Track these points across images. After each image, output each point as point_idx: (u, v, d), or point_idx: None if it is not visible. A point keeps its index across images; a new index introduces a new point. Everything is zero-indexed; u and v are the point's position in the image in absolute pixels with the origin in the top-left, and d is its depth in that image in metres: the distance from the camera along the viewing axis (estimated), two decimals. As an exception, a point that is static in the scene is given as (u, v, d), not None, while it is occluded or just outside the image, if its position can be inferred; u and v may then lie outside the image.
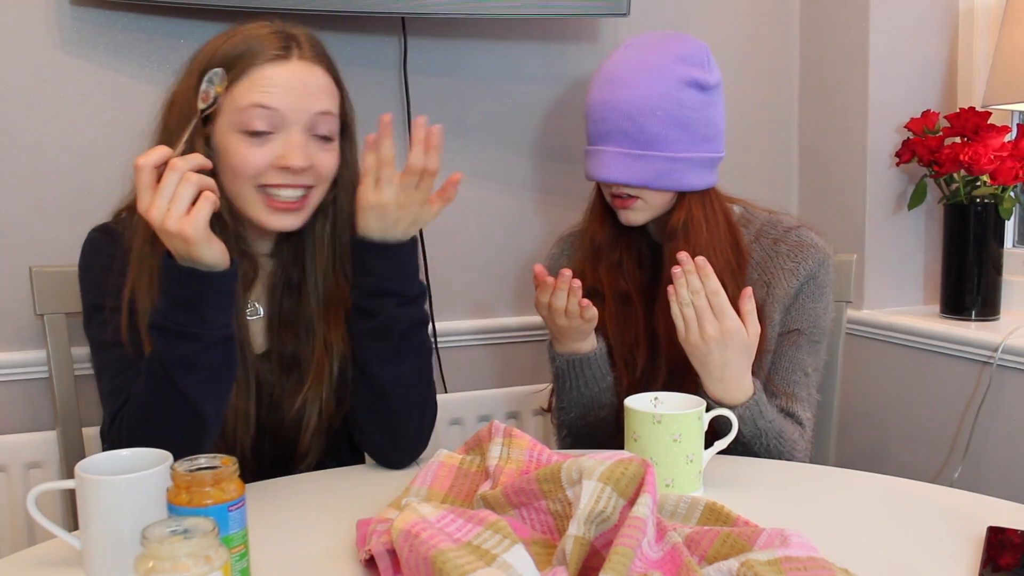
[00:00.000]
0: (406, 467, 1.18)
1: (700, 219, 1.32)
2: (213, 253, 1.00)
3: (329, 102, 1.13)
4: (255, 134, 1.08)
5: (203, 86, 1.07)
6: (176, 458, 0.86)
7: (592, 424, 1.38)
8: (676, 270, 1.21)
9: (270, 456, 1.21)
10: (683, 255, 1.20)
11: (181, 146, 1.02)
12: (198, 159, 1.00)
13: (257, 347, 1.20)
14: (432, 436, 1.21)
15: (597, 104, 1.30)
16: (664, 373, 1.33)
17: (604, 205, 1.38)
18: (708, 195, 1.33)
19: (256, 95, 1.07)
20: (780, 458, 1.26)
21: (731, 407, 1.21)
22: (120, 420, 1.06)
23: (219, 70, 1.07)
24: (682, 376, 1.29)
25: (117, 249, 1.13)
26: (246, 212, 1.12)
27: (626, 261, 1.39)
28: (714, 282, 1.19)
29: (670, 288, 1.21)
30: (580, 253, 1.44)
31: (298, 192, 1.11)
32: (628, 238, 1.38)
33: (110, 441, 1.07)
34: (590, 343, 1.31)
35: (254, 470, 1.19)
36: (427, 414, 1.19)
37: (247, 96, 1.08)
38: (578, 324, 1.25)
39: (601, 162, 1.29)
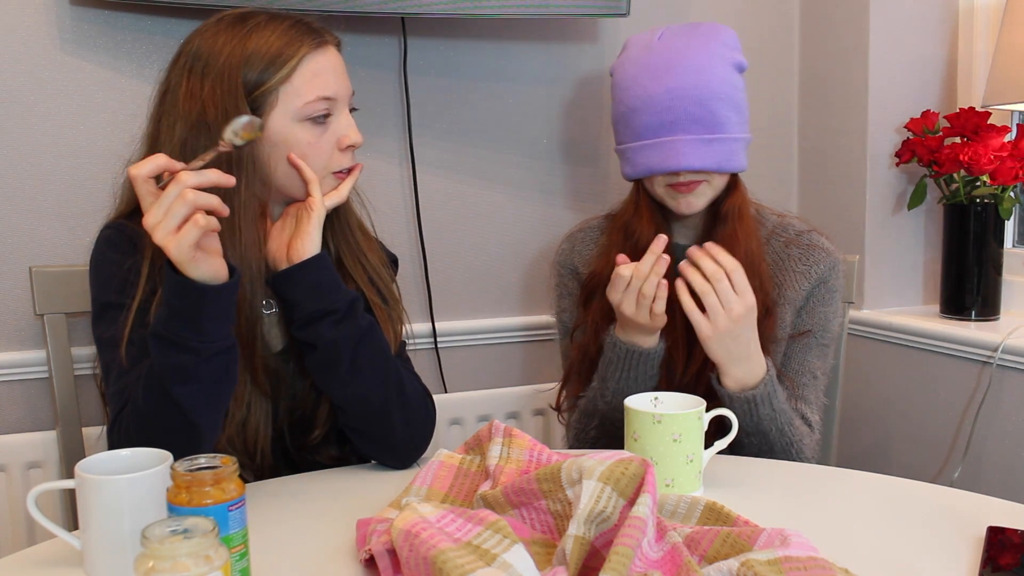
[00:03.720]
0: (409, 467, 1.18)
1: (747, 202, 1.35)
2: (202, 271, 0.98)
3: None
4: (320, 121, 1.13)
5: (236, 126, 1.02)
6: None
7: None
8: (684, 265, 1.20)
9: (285, 447, 1.21)
10: (693, 249, 1.20)
11: (200, 163, 0.99)
12: (213, 176, 0.98)
13: (275, 344, 1.20)
14: (433, 435, 1.21)
15: (661, 94, 1.27)
16: (702, 373, 1.30)
17: (649, 204, 1.35)
18: (744, 190, 1.36)
19: (317, 86, 1.12)
20: (789, 450, 1.27)
21: (752, 388, 1.21)
22: (120, 423, 1.06)
23: (256, 120, 1.04)
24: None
25: (129, 246, 1.12)
26: (298, 195, 1.15)
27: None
28: (731, 259, 1.19)
29: (679, 283, 1.19)
30: (609, 250, 1.39)
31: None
32: (670, 240, 1.33)
33: (110, 444, 1.07)
34: (652, 340, 1.27)
35: (272, 467, 1.19)
36: (410, 416, 1.17)
37: (309, 88, 1.11)
38: (645, 319, 1.21)
39: (676, 151, 1.27)
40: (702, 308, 1.19)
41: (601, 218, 1.49)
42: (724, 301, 1.17)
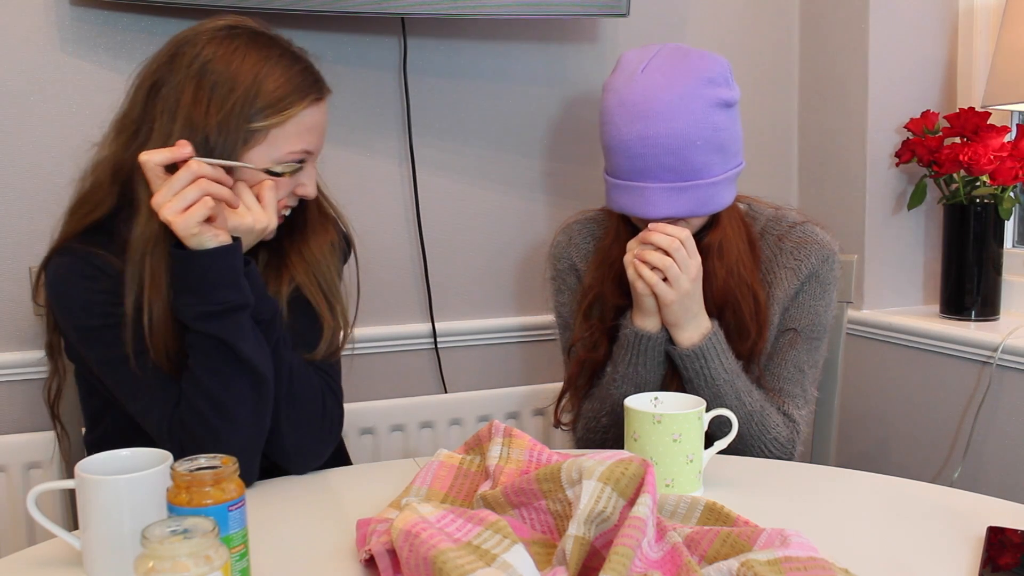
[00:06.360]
0: (305, 473, 1.16)
1: (731, 235, 1.32)
2: (208, 240, 1.05)
3: None
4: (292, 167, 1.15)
5: (287, 165, 1.14)
6: (245, 436, 1.06)
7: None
8: (639, 247, 1.25)
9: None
10: (643, 233, 1.25)
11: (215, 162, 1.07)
12: (219, 175, 1.06)
13: None
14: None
15: (633, 140, 1.24)
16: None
17: (628, 233, 1.34)
18: (731, 206, 1.33)
19: (305, 142, 1.14)
20: (762, 437, 1.29)
21: (700, 344, 1.26)
22: (182, 419, 1.07)
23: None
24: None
25: (93, 271, 1.12)
26: None
27: None
28: (679, 229, 1.24)
29: (637, 263, 1.24)
30: (596, 266, 1.41)
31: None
32: None
33: (179, 443, 1.07)
34: (653, 324, 1.29)
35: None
36: (301, 415, 1.15)
37: (297, 141, 1.13)
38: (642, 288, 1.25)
39: (645, 199, 1.26)
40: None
41: (597, 210, 1.48)
42: (683, 266, 1.23)
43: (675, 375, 1.33)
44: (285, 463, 1.16)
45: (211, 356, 1.06)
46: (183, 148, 1.04)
